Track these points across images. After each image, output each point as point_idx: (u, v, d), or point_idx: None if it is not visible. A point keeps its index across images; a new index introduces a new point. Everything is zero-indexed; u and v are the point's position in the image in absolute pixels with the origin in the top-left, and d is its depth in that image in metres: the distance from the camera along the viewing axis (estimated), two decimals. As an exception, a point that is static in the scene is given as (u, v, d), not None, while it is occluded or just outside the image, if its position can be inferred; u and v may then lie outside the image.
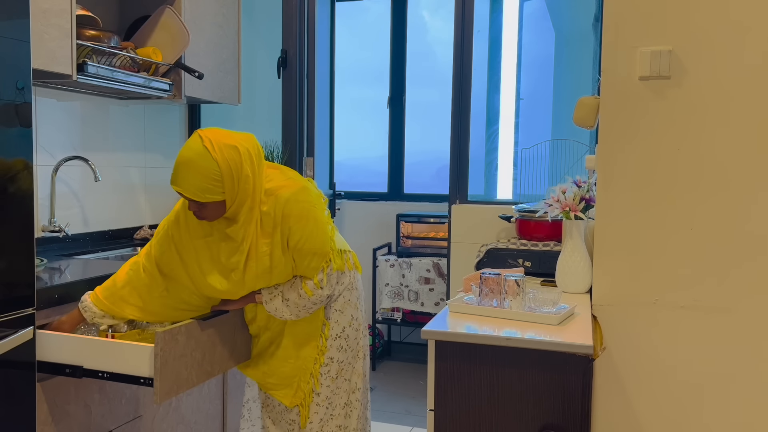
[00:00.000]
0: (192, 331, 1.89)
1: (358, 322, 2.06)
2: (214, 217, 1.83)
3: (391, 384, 4.15)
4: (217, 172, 1.73)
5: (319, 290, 1.91)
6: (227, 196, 1.77)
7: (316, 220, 1.86)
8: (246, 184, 1.79)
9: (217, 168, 1.73)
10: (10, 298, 1.71)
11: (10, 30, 1.70)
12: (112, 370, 1.85)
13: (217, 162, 1.73)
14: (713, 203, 1.79)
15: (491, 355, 1.65)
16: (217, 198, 1.77)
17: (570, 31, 3.73)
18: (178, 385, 1.85)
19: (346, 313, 2.03)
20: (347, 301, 2.03)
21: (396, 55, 4.74)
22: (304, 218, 1.83)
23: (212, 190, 1.75)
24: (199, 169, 1.73)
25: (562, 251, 2.15)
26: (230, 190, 1.77)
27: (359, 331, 2.07)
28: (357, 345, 2.06)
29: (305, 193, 1.86)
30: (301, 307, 1.92)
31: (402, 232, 4.48)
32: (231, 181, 1.76)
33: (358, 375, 2.06)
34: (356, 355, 2.06)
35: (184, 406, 2.54)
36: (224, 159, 1.74)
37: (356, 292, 2.06)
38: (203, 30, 3.03)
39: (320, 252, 1.89)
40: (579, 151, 3.04)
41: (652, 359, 1.86)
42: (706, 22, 1.77)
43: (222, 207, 1.80)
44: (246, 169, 1.78)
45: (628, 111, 1.85)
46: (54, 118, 2.67)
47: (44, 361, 1.88)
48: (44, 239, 2.59)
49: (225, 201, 1.79)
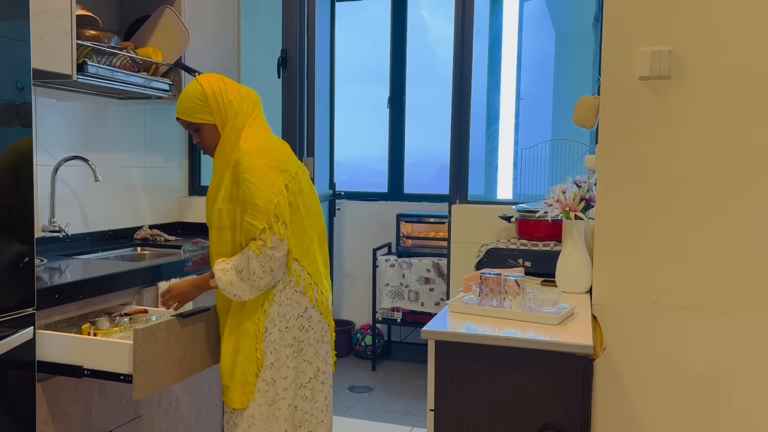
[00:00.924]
0: (172, 329, 1.89)
1: (270, 337, 1.97)
2: (211, 146, 2.03)
3: (391, 384, 4.15)
4: (202, 93, 1.99)
5: (267, 249, 1.89)
6: (216, 118, 1.99)
7: (263, 178, 1.91)
8: (230, 109, 2.00)
9: (201, 90, 1.99)
10: (10, 298, 1.71)
11: (10, 30, 1.70)
12: (93, 367, 1.85)
13: (202, 86, 2.00)
14: (713, 203, 1.79)
15: (491, 355, 1.65)
16: (206, 118, 2.00)
17: (570, 31, 3.73)
18: (158, 382, 1.85)
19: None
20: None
21: (396, 55, 4.74)
22: (251, 170, 1.92)
23: (200, 109, 1.99)
24: (188, 93, 2.02)
25: (562, 251, 2.15)
26: (216, 110, 1.99)
27: (268, 346, 1.98)
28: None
29: (265, 155, 1.97)
30: (256, 276, 1.89)
31: (402, 232, 4.48)
32: (216, 102, 1.99)
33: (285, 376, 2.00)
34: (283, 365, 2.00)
35: (184, 406, 2.54)
36: (209, 84, 2.01)
37: (281, 308, 1.98)
38: (203, 30, 3.03)
39: (261, 208, 1.89)
40: (579, 151, 3.04)
41: (652, 359, 1.86)
42: (706, 22, 1.77)
43: (215, 133, 2.01)
44: (230, 95, 2.01)
45: (628, 111, 1.85)
46: (54, 118, 2.67)
47: (44, 361, 1.88)
48: (44, 239, 2.59)
49: (216, 126, 2.00)
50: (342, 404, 3.77)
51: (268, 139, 2.06)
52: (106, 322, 2.06)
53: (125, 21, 2.96)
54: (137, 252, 2.94)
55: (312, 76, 3.58)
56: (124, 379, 1.82)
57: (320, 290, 2.08)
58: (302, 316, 2.04)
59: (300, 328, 2.03)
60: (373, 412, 3.70)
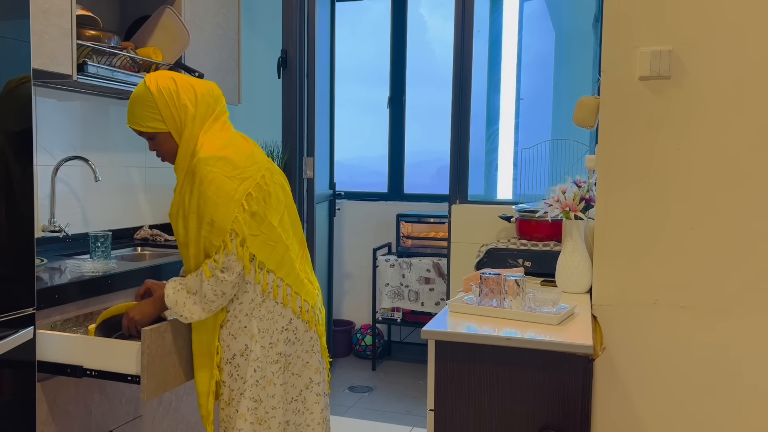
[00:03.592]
0: (179, 329, 1.89)
1: (252, 355, 1.85)
2: (169, 154, 1.89)
3: (391, 384, 4.15)
4: (151, 98, 1.82)
5: (218, 272, 1.76)
6: (169, 125, 1.84)
7: (219, 191, 1.76)
8: (185, 115, 1.84)
9: (149, 95, 1.82)
10: (10, 298, 1.71)
11: (10, 30, 1.70)
12: (101, 368, 1.85)
13: (149, 89, 1.83)
14: (713, 203, 1.79)
15: (491, 355, 1.65)
16: (158, 126, 1.85)
17: (570, 31, 3.73)
18: (166, 383, 1.84)
19: (239, 339, 1.86)
20: (242, 328, 1.86)
21: (396, 55, 4.74)
22: (206, 182, 1.76)
23: (150, 117, 1.84)
24: (136, 99, 1.85)
25: (562, 251, 2.15)
26: (169, 117, 1.84)
27: (250, 364, 1.86)
28: (245, 376, 1.86)
29: (223, 162, 1.80)
30: (207, 299, 1.79)
31: (402, 232, 4.48)
32: (167, 108, 1.83)
33: (245, 405, 1.87)
34: (243, 386, 1.87)
35: (184, 406, 2.54)
36: (157, 87, 1.83)
37: (262, 323, 1.87)
38: (203, 30, 3.03)
39: (217, 224, 1.75)
40: (579, 151, 3.04)
41: (652, 359, 1.86)
42: (706, 22, 1.77)
43: (171, 140, 1.87)
44: (184, 99, 1.83)
45: (628, 111, 1.85)
46: (54, 118, 2.67)
47: (44, 360, 1.88)
48: (44, 239, 2.59)
49: (171, 133, 1.85)
50: (342, 404, 3.77)
51: (228, 141, 1.87)
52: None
53: (125, 21, 2.95)
54: (137, 252, 2.94)
55: (312, 76, 3.59)
56: (132, 380, 1.81)
57: (303, 299, 1.93)
58: (287, 329, 1.90)
59: (286, 341, 1.90)
60: (373, 412, 3.70)
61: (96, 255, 2.47)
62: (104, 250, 2.48)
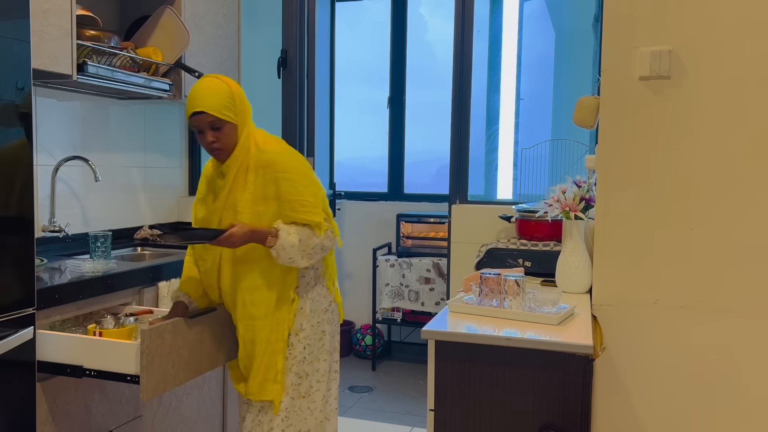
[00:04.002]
0: (179, 329, 1.89)
1: (303, 333, 2.06)
2: (228, 147, 1.97)
3: (391, 384, 4.15)
4: (228, 91, 1.97)
5: (329, 232, 2.00)
6: (238, 119, 1.97)
7: (305, 177, 2.00)
8: (247, 113, 2.01)
9: (228, 87, 1.97)
10: (10, 298, 1.71)
11: (10, 30, 1.70)
12: (100, 368, 1.85)
13: (227, 83, 1.98)
14: (713, 203, 1.79)
15: (491, 355, 1.65)
16: (232, 117, 1.96)
17: (570, 31, 3.73)
18: (165, 383, 1.85)
19: (296, 318, 2.06)
20: (299, 309, 2.06)
21: (396, 55, 4.74)
22: (290, 171, 1.97)
23: (228, 107, 1.95)
24: (215, 89, 1.96)
25: (562, 251, 2.15)
26: (240, 113, 1.98)
27: (300, 341, 2.06)
28: (295, 352, 2.06)
29: (295, 156, 2.04)
30: (312, 251, 1.97)
31: (402, 232, 4.48)
32: (241, 103, 1.99)
33: (289, 380, 2.05)
34: (292, 361, 2.06)
35: (184, 406, 2.54)
36: (232, 82, 2.01)
37: (313, 304, 2.08)
38: (203, 30, 3.03)
39: (312, 203, 1.96)
40: (579, 151, 3.04)
41: (652, 359, 1.86)
42: (706, 22, 1.77)
43: (234, 134, 1.97)
44: (245, 100, 2.02)
45: (628, 111, 1.85)
46: (54, 118, 2.67)
47: (44, 361, 1.88)
48: (44, 239, 2.59)
49: (237, 127, 1.97)
50: (342, 404, 3.77)
51: (273, 138, 2.12)
52: (111, 322, 2.06)
53: (125, 21, 2.96)
54: (137, 252, 2.94)
55: (312, 76, 3.58)
56: (131, 379, 1.82)
57: (335, 284, 2.20)
58: (328, 309, 2.14)
59: (328, 321, 2.14)
60: (373, 412, 3.70)
61: (96, 255, 2.47)
62: (104, 250, 2.49)
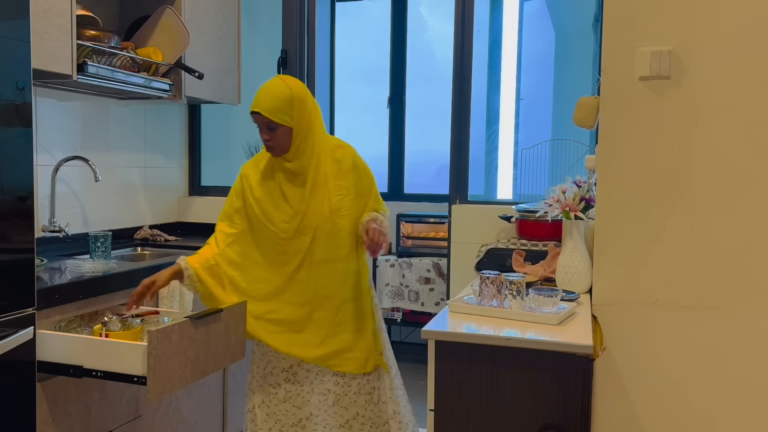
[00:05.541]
0: (185, 330, 1.89)
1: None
2: (282, 148, 2.05)
3: (391, 384, 4.14)
4: (288, 95, 2.01)
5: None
6: (294, 123, 2.02)
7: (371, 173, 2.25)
8: (308, 118, 2.06)
9: (288, 92, 2.02)
10: (10, 298, 1.71)
11: (10, 30, 1.70)
12: (107, 369, 1.85)
13: (290, 87, 2.03)
14: (713, 203, 1.79)
15: (491, 355, 1.65)
16: (287, 121, 2.01)
17: (570, 31, 3.73)
18: (172, 384, 1.85)
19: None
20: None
21: (396, 54, 4.74)
22: (367, 169, 2.22)
23: (284, 110, 2.00)
24: (274, 91, 2.02)
25: (562, 251, 2.15)
26: (298, 118, 2.03)
27: None
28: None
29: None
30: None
31: (402, 232, 4.48)
32: (300, 108, 2.03)
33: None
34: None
35: (184, 406, 2.54)
36: (296, 86, 2.05)
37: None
38: (203, 30, 3.03)
39: (379, 197, 2.26)
40: (579, 151, 3.04)
41: (652, 359, 1.86)
42: (706, 22, 1.77)
43: (289, 137, 2.03)
44: (309, 105, 2.07)
45: (628, 111, 1.85)
46: (54, 118, 2.67)
47: (44, 361, 1.88)
48: (44, 239, 2.59)
49: (292, 131, 2.02)
50: (342, 404, 3.77)
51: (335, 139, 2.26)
52: (117, 323, 2.05)
53: (125, 21, 2.95)
54: (137, 252, 2.94)
55: (312, 76, 3.58)
56: (138, 381, 1.82)
57: None
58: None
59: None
60: (373, 412, 3.69)
61: (96, 255, 2.47)
62: (104, 250, 2.49)
